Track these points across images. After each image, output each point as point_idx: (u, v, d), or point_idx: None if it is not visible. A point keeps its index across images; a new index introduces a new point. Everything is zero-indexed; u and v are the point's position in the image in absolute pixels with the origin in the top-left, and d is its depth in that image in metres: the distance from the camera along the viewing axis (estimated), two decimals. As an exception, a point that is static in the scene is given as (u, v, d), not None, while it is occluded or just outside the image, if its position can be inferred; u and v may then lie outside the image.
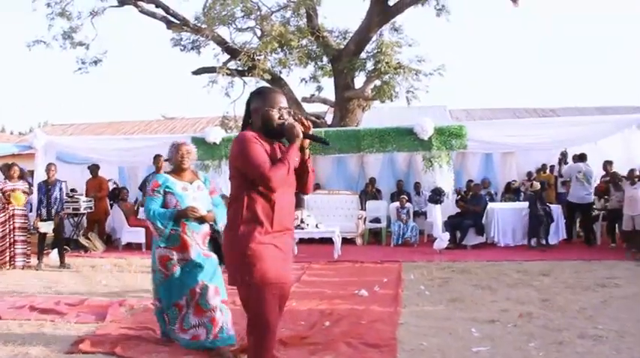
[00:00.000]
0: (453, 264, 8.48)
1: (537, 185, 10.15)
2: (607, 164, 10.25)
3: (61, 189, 8.97)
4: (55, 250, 9.12)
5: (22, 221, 8.80)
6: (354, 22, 16.97)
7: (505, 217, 10.57)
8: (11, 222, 8.65)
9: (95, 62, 15.68)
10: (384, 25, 14.27)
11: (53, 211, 8.78)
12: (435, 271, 7.80)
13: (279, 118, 2.90)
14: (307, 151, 3.00)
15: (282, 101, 2.97)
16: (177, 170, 4.33)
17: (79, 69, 15.68)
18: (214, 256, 4.24)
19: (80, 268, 8.63)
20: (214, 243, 4.31)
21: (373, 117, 15.35)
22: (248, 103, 3.02)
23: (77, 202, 10.66)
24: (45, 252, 9.15)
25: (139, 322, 5.11)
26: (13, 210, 8.67)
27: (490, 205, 10.78)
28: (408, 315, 5.25)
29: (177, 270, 4.14)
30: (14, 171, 8.77)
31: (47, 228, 8.77)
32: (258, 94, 3.02)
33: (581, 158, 10.89)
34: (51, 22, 15.12)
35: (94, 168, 11.63)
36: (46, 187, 8.82)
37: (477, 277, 7.30)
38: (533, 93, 77.98)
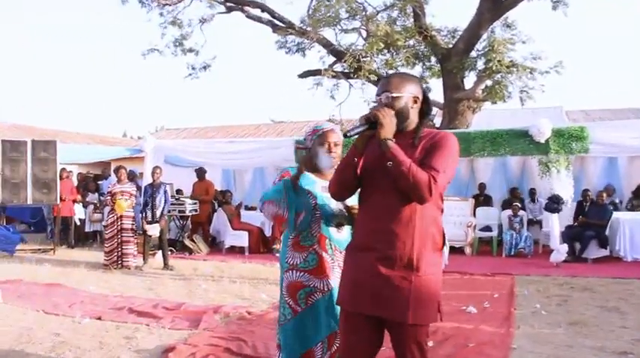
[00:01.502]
0: (572, 279, 7.69)
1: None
2: None
3: (165, 191, 9.14)
4: (160, 251, 9.28)
5: (130, 222, 9.07)
6: (463, 20, 16.16)
7: (633, 228, 9.54)
8: (119, 223, 8.93)
9: (205, 67, 16.13)
10: (496, 22, 13.51)
11: (158, 213, 8.96)
12: (552, 287, 7.09)
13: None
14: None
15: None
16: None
17: (190, 74, 16.20)
18: None
19: (183, 270, 8.72)
20: None
21: (483, 119, 14.51)
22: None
23: (183, 204, 10.88)
24: (151, 252, 9.37)
25: (232, 332, 4.97)
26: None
27: (615, 214, 9.79)
28: (522, 338, 4.70)
29: (314, 305, 2.93)
30: (122, 174, 9.07)
31: (154, 230, 8.96)
32: None
33: None
34: (164, 31, 15.72)
35: (200, 172, 11.83)
36: (152, 190, 9.02)
37: (602, 297, 6.53)
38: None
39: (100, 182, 13.52)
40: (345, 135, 2.44)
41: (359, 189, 2.53)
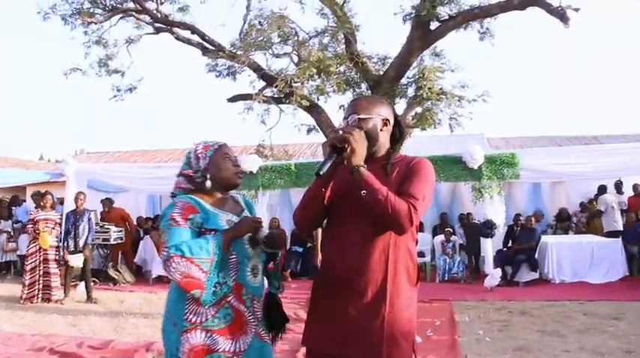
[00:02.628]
0: (508, 304, 7.80)
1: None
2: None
3: (90, 219, 8.60)
4: (82, 283, 8.71)
5: (54, 253, 8.44)
6: (394, 48, 16.47)
7: (560, 251, 9.85)
8: (41, 254, 8.29)
9: (130, 89, 15.51)
10: (425, 51, 13.78)
11: (81, 242, 8.39)
12: (491, 312, 7.14)
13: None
14: None
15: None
16: (215, 190, 2.50)
17: (114, 96, 15.51)
18: (268, 339, 2.47)
19: (108, 303, 8.22)
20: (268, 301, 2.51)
21: (411, 146, 14.63)
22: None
23: (107, 232, 10.31)
24: (72, 284, 8.78)
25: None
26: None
27: (544, 238, 10.08)
28: (473, 368, 4.63)
29: None
30: (47, 201, 8.46)
31: (77, 260, 8.38)
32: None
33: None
34: (87, 50, 15.08)
35: (106, 203, 11.26)
36: (75, 217, 8.47)
37: (540, 320, 6.63)
38: (572, 121, 76.53)
39: (13, 207, 12.62)
40: (317, 175, 2.15)
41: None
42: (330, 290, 2.20)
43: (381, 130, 2.29)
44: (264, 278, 2.51)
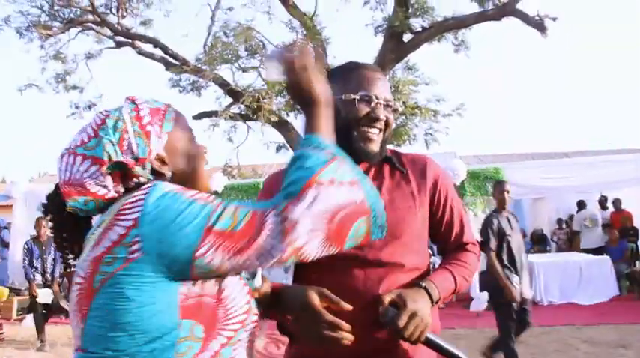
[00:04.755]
0: (499, 330, 7.16)
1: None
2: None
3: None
4: (31, 316, 7.74)
5: None
6: (365, 61, 15.87)
7: (547, 271, 9.31)
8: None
9: (90, 106, 14.77)
10: (398, 64, 13.34)
11: (49, 275, 7.44)
12: (484, 342, 6.49)
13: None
14: None
15: (378, 83, 1.64)
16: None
17: (73, 114, 14.77)
18: None
19: (56, 340, 7.27)
20: None
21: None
22: None
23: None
24: (18, 317, 7.86)
25: None
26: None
27: (530, 258, 9.54)
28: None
29: None
30: None
31: (46, 297, 7.37)
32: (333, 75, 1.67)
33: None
34: (44, 65, 14.32)
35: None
36: (40, 248, 7.49)
37: (539, 350, 6.03)
38: (543, 137, 77.52)
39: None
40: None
41: None
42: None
43: None
44: None
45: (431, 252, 10.11)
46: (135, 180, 1.19)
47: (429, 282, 1.56)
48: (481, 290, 8.71)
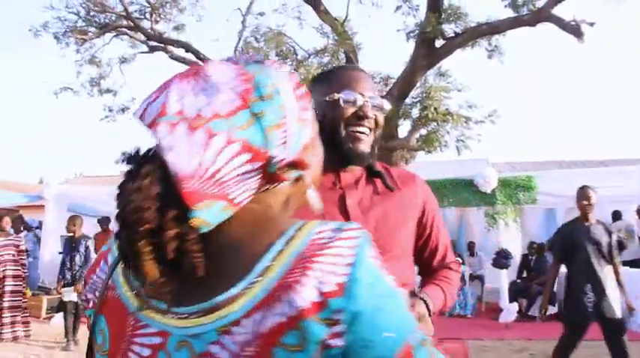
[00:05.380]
0: (528, 344, 6.96)
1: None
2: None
3: (87, 248, 7.62)
4: (60, 315, 7.82)
5: (14, 283, 7.48)
6: (397, 67, 15.97)
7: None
8: (1, 285, 7.36)
9: (123, 110, 14.97)
10: (430, 70, 13.18)
11: (78, 274, 7.49)
12: (513, 356, 6.31)
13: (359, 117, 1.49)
14: None
15: (362, 82, 1.54)
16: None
17: (106, 117, 14.99)
18: None
19: (80, 340, 7.33)
20: None
21: (412, 170, 13.98)
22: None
23: (88, 260, 9.55)
24: (48, 315, 7.94)
25: None
26: (4, 270, 7.38)
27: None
28: None
29: None
30: (6, 223, 7.49)
31: (71, 295, 7.39)
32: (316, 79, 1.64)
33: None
34: (79, 69, 14.60)
35: (104, 221, 10.46)
36: (70, 245, 7.56)
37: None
38: (578, 145, 75.85)
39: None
40: None
41: None
42: None
43: None
44: None
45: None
46: (265, 186, 0.81)
47: (425, 294, 1.51)
48: (511, 302, 8.52)
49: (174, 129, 0.73)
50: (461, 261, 8.32)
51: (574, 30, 10.78)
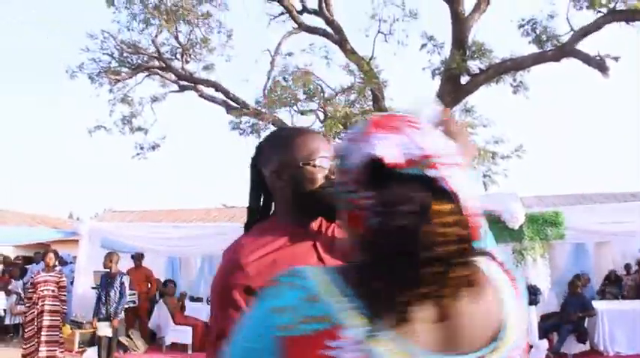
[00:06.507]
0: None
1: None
2: None
3: (122, 283, 7.88)
4: (92, 350, 8.01)
5: (51, 318, 7.73)
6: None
7: (613, 319, 8.92)
8: (40, 320, 7.60)
9: (153, 147, 15.34)
10: (456, 106, 13.32)
11: (112, 310, 7.74)
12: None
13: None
14: None
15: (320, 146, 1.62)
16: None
17: (137, 154, 15.35)
18: None
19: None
20: None
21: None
22: (255, 165, 1.65)
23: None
24: (80, 349, 8.11)
25: None
26: (42, 305, 7.63)
27: (595, 304, 9.19)
28: None
29: None
30: (50, 259, 7.83)
31: (105, 330, 7.65)
32: (274, 142, 1.68)
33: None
34: (112, 108, 15.02)
35: (137, 257, 10.70)
36: (106, 281, 7.83)
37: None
38: (606, 177, 74.50)
39: (28, 266, 12.11)
40: None
41: None
42: None
43: None
44: None
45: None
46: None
47: None
48: (541, 338, 8.45)
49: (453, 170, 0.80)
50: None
51: (598, 65, 10.87)
